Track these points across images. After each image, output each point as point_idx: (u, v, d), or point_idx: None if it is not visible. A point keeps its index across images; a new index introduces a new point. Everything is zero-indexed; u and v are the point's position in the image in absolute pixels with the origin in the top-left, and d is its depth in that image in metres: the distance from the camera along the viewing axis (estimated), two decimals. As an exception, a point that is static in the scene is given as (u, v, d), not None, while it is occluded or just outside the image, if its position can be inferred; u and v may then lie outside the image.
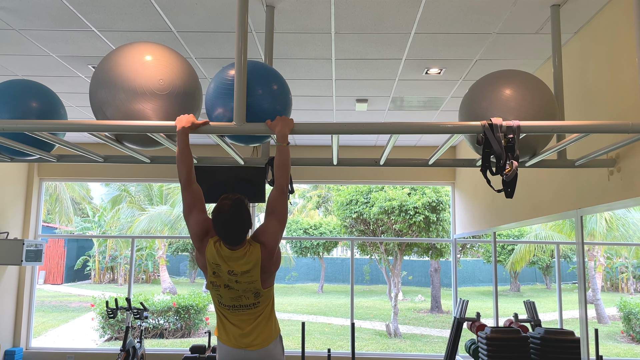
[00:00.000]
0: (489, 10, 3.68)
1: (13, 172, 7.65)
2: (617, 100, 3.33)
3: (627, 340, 3.88)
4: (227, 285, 2.73)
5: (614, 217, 3.85)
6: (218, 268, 2.72)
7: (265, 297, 2.81)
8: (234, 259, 2.70)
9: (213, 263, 2.72)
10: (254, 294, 2.75)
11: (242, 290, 2.73)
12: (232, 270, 2.70)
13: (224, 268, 2.71)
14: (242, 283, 2.72)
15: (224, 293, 2.75)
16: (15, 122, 2.88)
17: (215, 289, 2.77)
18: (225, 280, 2.73)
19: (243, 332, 2.79)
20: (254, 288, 2.73)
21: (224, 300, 2.78)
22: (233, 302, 2.77)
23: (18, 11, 3.79)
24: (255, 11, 3.74)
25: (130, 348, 6.55)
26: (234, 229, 2.63)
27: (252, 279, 2.71)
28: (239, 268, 2.70)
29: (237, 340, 2.80)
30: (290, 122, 2.81)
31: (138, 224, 18.59)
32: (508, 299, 6.72)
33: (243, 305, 2.77)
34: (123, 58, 2.95)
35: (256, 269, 2.71)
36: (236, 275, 2.70)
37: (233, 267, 2.70)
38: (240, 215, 2.64)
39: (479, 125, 2.81)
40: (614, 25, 3.40)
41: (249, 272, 2.70)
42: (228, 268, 2.70)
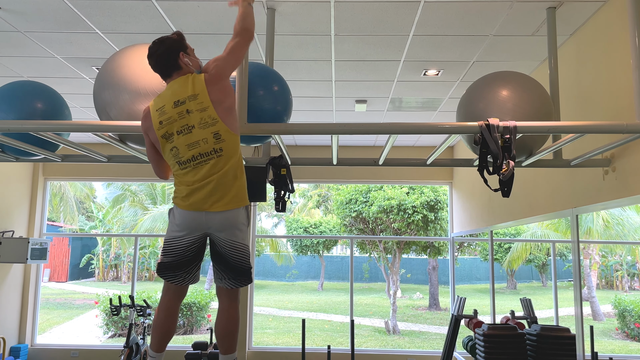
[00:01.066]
0: (486, 12, 3.68)
1: (18, 172, 7.66)
2: (612, 101, 3.33)
3: (621, 337, 3.88)
4: (181, 130, 2.47)
5: (609, 215, 3.85)
6: (163, 111, 2.50)
7: (229, 144, 2.49)
8: (178, 88, 2.51)
9: (157, 110, 2.52)
10: (213, 133, 2.45)
11: (197, 126, 2.45)
12: (178, 100, 2.48)
13: (169, 103, 2.49)
14: (194, 113, 2.45)
15: (180, 141, 2.47)
16: (21, 122, 2.88)
17: (169, 142, 2.50)
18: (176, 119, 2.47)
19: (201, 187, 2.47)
20: (210, 118, 2.45)
21: (182, 152, 2.48)
22: (192, 151, 2.46)
23: (23, 13, 3.79)
24: (256, 13, 3.74)
25: (133, 345, 6.55)
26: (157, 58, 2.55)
27: (203, 105, 2.45)
28: (184, 94, 2.48)
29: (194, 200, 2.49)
30: None
31: (142, 224, 18.61)
32: (505, 297, 6.73)
33: (203, 152, 2.46)
34: (126, 59, 2.96)
35: (203, 93, 2.46)
36: (184, 105, 2.47)
37: (179, 96, 2.49)
38: (163, 42, 2.57)
39: (476, 125, 2.81)
40: (608, 27, 3.40)
41: (197, 97, 2.46)
42: (174, 100, 2.49)
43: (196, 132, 2.46)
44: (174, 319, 2.68)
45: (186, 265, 2.59)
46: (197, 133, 2.46)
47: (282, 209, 3.55)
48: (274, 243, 19.19)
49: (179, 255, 2.56)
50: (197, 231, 2.53)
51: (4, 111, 3.22)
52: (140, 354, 6.75)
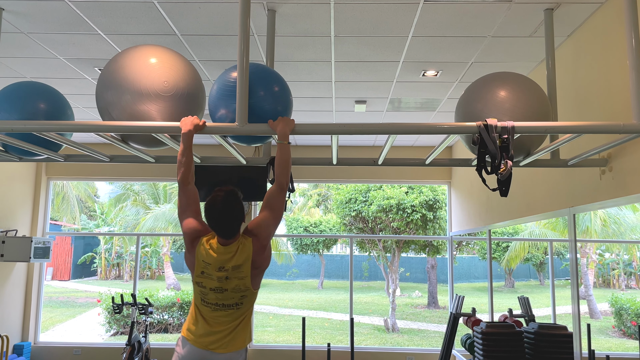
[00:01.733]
0: (484, 14, 3.68)
1: (22, 172, 7.66)
2: (608, 102, 3.33)
3: (618, 335, 3.88)
4: (215, 289, 2.63)
5: (607, 214, 3.85)
6: (207, 267, 2.63)
7: (249, 299, 2.70)
8: (226, 254, 2.62)
9: (203, 261, 2.64)
10: (241, 294, 2.65)
11: (230, 289, 2.63)
12: (223, 266, 2.61)
13: (214, 265, 2.62)
14: (232, 280, 2.62)
15: (210, 295, 2.65)
16: (24, 122, 2.89)
17: (201, 290, 2.67)
18: (214, 279, 2.62)
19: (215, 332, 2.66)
20: (244, 286, 2.64)
21: (208, 297, 2.66)
22: (217, 301, 2.65)
23: (26, 15, 3.79)
24: (257, 15, 3.74)
25: (135, 342, 6.56)
26: (226, 221, 2.58)
27: (243, 274, 2.63)
28: (230, 263, 2.61)
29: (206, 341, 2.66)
30: (291, 122, 2.80)
31: (144, 223, 18.61)
32: (503, 295, 6.72)
33: (227, 304, 2.66)
34: (128, 60, 2.96)
35: (247, 263, 2.62)
36: (227, 272, 2.61)
37: (224, 263, 2.61)
38: (232, 207, 2.60)
39: (474, 125, 2.81)
40: (605, 28, 3.40)
41: (240, 268, 2.62)
42: (219, 265, 2.61)
43: (227, 295, 2.65)
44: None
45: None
46: (228, 295, 2.65)
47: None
48: (274, 242, 19.19)
49: None
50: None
51: (7, 111, 3.22)
52: (142, 352, 6.75)
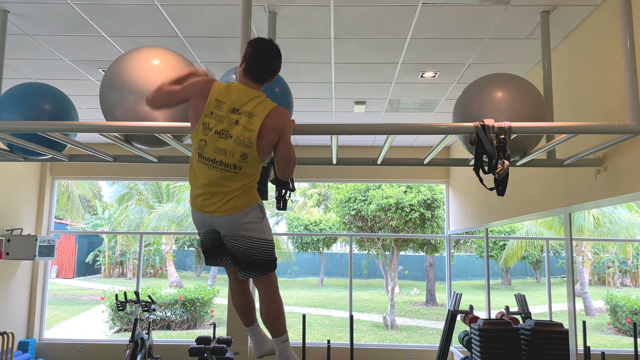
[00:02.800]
0: (482, 16, 3.68)
1: (27, 171, 7.66)
2: (604, 102, 3.33)
3: (613, 332, 3.88)
4: (220, 132, 2.41)
5: (601, 213, 3.85)
6: (220, 107, 2.42)
7: (250, 167, 2.47)
8: (247, 96, 2.43)
9: (216, 100, 2.43)
10: (242, 153, 2.41)
11: (234, 138, 2.39)
12: (237, 108, 2.42)
13: (230, 105, 2.42)
14: (240, 127, 2.40)
15: (211, 140, 2.41)
16: (29, 123, 2.89)
17: (204, 133, 2.43)
18: (223, 120, 2.41)
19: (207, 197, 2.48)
20: (248, 140, 2.40)
21: (207, 150, 2.43)
22: (215, 154, 2.42)
23: (31, 17, 3.79)
24: (258, 17, 3.74)
25: (138, 339, 6.56)
26: (269, 60, 2.45)
27: (252, 126, 2.40)
28: (247, 107, 2.41)
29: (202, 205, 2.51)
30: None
31: (148, 223, 18.63)
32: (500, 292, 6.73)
33: (225, 162, 2.42)
34: (132, 62, 2.96)
35: (259, 120, 2.40)
36: (239, 115, 2.41)
37: (242, 104, 2.42)
38: (279, 54, 2.49)
39: (472, 126, 2.81)
40: (600, 30, 3.40)
41: (252, 118, 2.40)
42: (234, 105, 2.41)
43: (230, 143, 2.41)
44: (240, 297, 2.83)
45: (216, 252, 2.70)
46: (230, 143, 2.41)
47: (283, 207, 3.54)
48: (275, 240, 19.19)
49: (206, 246, 2.69)
50: (206, 227, 2.61)
51: (13, 112, 3.22)
52: (145, 348, 6.75)
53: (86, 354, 7.72)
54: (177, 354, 7.67)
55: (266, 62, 2.45)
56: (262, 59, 2.45)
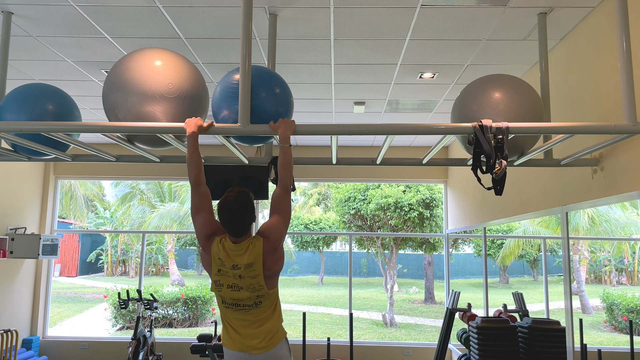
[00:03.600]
0: (480, 18, 3.68)
1: (30, 171, 7.66)
2: (600, 103, 3.34)
3: (609, 330, 3.88)
4: (231, 286, 2.65)
5: (597, 213, 3.85)
6: (222, 264, 2.66)
7: (268, 299, 2.70)
8: (238, 252, 2.65)
9: (218, 259, 2.67)
10: (257, 294, 2.66)
11: (245, 288, 2.64)
12: (236, 264, 2.64)
13: (228, 263, 2.65)
14: (246, 279, 2.63)
15: (227, 293, 2.67)
16: (33, 123, 2.89)
17: (218, 289, 2.69)
18: (230, 277, 2.64)
19: (247, 334, 2.70)
20: (257, 285, 2.64)
21: (225, 296, 2.69)
22: (235, 300, 2.68)
23: (35, 19, 3.79)
24: (259, 19, 3.74)
25: (141, 337, 6.56)
26: (238, 219, 2.62)
27: (255, 273, 2.63)
28: (242, 261, 2.63)
29: (241, 343, 2.71)
30: (292, 124, 2.80)
31: (150, 222, 18.63)
32: (497, 291, 6.73)
33: (246, 304, 2.68)
34: (134, 63, 2.96)
35: (258, 262, 2.63)
36: (240, 270, 2.63)
37: (237, 260, 2.64)
38: (245, 206, 2.64)
39: (470, 126, 2.81)
40: (597, 32, 3.40)
41: (252, 266, 2.63)
42: (232, 262, 2.64)
43: (243, 293, 2.66)
44: None
45: None
46: (243, 294, 2.66)
47: (283, 206, 3.54)
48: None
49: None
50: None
51: (16, 112, 3.22)
52: (147, 346, 6.75)
53: (89, 352, 7.72)
54: (178, 351, 7.67)
55: (236, 222, 2.63)
56: (231, 221, 2.63)
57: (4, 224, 7.04)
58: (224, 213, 2.62)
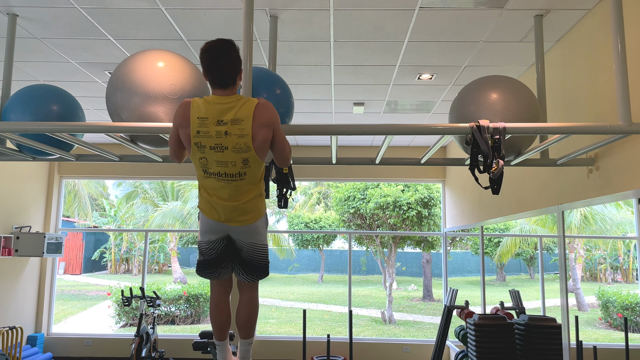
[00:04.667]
0: (477, 20, 3.68)
1: (35, 171, 7.66)
2: (595, 104, 3.34)
3: (605, 327, 3.88)
4: (215, 147, 2.35)
5: (592, 212, 3.85)
6: (203, 123, 2.34)
7: (254, 169, 2.43)
8: (225, 105, 2.36)
9: (198, 118, 2.35)
10: (243, 159, 2.37)
11: (230, 149, 2.35)
12: (221, 120, 2.34)
13: (212, 119, 2.34)
14: (232, 136, 2.33)
15: (210, 156, 2.37)
16: (37, 124, 2.89)
17: (200, 151, 2.38)
18: (212, 136, 2.34)
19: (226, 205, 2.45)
20: (244, 145, 2.35)
21: (210, 165, 2.39)
22: (219, 167, 2.39)
23: (40, 21, 3.79)
24: (259, 21, 3.74)
25: (144, 334, 6.56)
26: (224, 60, 2.34)
27: (244, 132, 2.33)
28: (228, 115, 2.34)
29: (219, 213, 2.47)
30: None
31: (153, 220, 18.63)
32: (494, 288, 6.73)
33: (229, 173, 2.39)
34: (137, 64, 2.96)
35: (248, 121, 2.33)
36: (225, 125, 2.33)
37: (222, 114, 2.34)
38: (231, 48, 2.36)
39: (467, 127, 2.81)
40: (592, 34, 3.40)
41: (240, 123, 2.34)
42: (217, 118, 2.34)
43: (228, 154, 2.36)
44: (225, 311, 2.76)
45: (217, 264, 2.63)
46: (228, 155, 2.36)
47: (284, 205, 3.54)
48: (276, 238, 19.19)
49: (210, 255, 2.60)
50: (220, 233, 2.55)
51: (21, 113, 3.22)
52: (150, 343, 6.76)
53: (93, 348, 7.72)
54: (181, 348, 7.67)
55: (218, 65, 2.35)
56: (213, 65, 2.36)
57: (9, 222, 7.04)
58: (208, 55, 2.34)
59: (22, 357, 6.77)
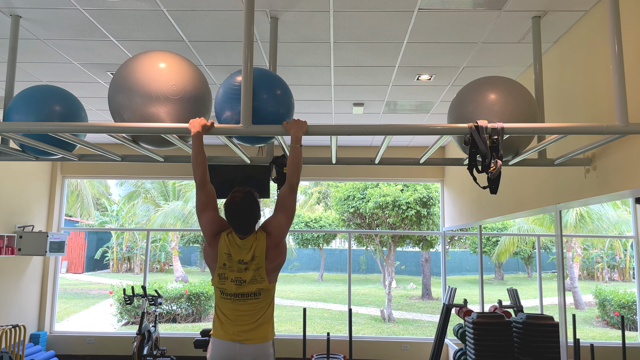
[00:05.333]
0: (475, 21, 3.68)
1: (38, 171, 7.66)
2: (593, 104, 3.34)
3: (602, 325, 3.88)
4: (235, 280, 2.69)
5: (589, 211, 3.85)
6: (229, 258, 2.70)
7: (267, 293, 2.75)
8: (244, 248, 2.71)
9: (225, 253, 2.71)
10: (258, 286, 2.71)
11: (249, 280, 2.68)
12: (242, 259, 2.70)
13: (235, 257, 2.70)
14: (250, 271, 2.69)
15: (229, 287, 2.70)
16: (40, 124, 2.89)
17: (222, 282, 2.71)
18: (234, 270, 2.69)
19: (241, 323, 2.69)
20: (260, 277, 2.69)
21: (227, 288, 2.70)
22: (237, 291, 2.70)
23: (43, 22, 3.79)
24: (260, 22, 3.74)
25: (145, 332, 6.57)
26: (245, 218, 2.67)
27: (258, 265, 2.70)
28: (248, 256, 2.70)
29: (233, 333, 2.69)
30: (304, 124, 2.79)
31: (155, 219, 18.64)
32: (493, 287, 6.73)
33: (246, 293, 2.70)
34: (139, 65, 2.96)
35: (262, 255, 2.71)
36: (246, 264, 2.70)
37: (243, 255, 2.70)
38: (251, 206, 2.69)
39: (466, 127, 2.81)
40: (590, 35, 3.41)
41: (256, 259, 2.70)
42: (239, 257, 2.70)
43: (246, 286, 2.70)
44: None
45: None
46: (247, 287, 2.70)
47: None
48: (277, 237, 19.19)
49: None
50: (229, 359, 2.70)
51: (24, 113, 3.22)
52: (152, 341, 6.76)
53: (95, 346, 7.73)
54: (182, 346, 7.68)
55: (243, 221, 2.68)
56: (239, 221, 2.68)
57: (12, 222, 7.05)
58: (232, 213, 2.67)
59: (24, 355, 6.77)
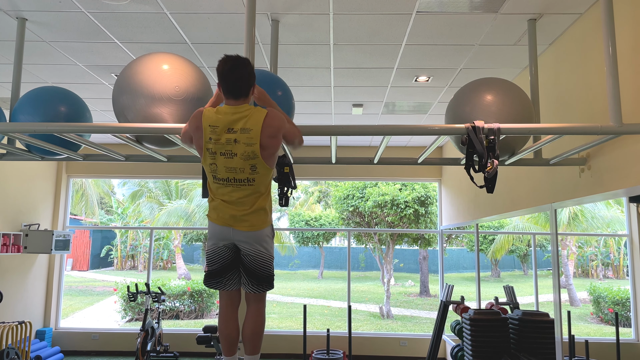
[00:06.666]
0: (472, 24, 3.68)
1: (43, 170, 7.66)
2: (587, 105, 3.34)
3: (596, 322, 3.88)
4: (224, 153, 2.41)
5: (583, 210, 3.85)
6: (214, 131, 2.41)
7: (262, 177, 2.47)
8: (236, 115, 2.41)
9: (210, 126, 2.42)
10: (251, 166, 2.42)
11: (239, 156, 2.40)
12: (232, 128, 2.40)
13: (223, 127, 2.40)
14: (241, 144, 2.39)
15: (220, 162, 2.43)
16: (46, 124, 2.89)
17: (211, 157, 2.44)
18: (223, 143, 2.40)
19: (234, 207, 2.48)
20: (252, 153, 2.40)
21: (219, 171, 2.45)
22: (228, 173, 2.43)
23: (48, 25, 3.79)
24: (261, 25, 3.74)
25: (149, 328, 6.57)
26: (239, 72, 2.40)
27: (252, 140, 2.39)
28: (238, 125, 2.40)
29: (227, 215, 2.50)
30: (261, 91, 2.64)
31: (159, 218, 18.65)
32: (489, 284, 6.73)
33: (238, 179, 2.44)
34: (143, 67, 2.96)
35: (256, 130, 2.39)
36: (235, 133, 2.39)
37: (233, 123, 2.40)
38: (245, 62, 2.43)
39: (463, 127, 2.81)
40: (585, 37, 3.40)
41: (248, 132, 2.39)
42: (228, 126, 2.40)
43: (236, 160, 2.42)
44: (233, 325, 2.69)
45: (226, 271, 2.61)
46: (237, 161, 2.42)
47: (285, 203, 3.55)
48: (278, 235, 19.20)
49: (216, 264, 2.59)
50: (226, 240, 2.54)
51: (30, 114, 3.22)
52: (155, 337, 6.76)
53: (99, 342, 7.73)
54: (185, 342, 7.68)
55: (233, 78, 2.41)
56: (228, 77, 2.41)
57: (18, 220, 7.05)
58: (226, 65, 2.40)
59: (30, 351, 6.77)
